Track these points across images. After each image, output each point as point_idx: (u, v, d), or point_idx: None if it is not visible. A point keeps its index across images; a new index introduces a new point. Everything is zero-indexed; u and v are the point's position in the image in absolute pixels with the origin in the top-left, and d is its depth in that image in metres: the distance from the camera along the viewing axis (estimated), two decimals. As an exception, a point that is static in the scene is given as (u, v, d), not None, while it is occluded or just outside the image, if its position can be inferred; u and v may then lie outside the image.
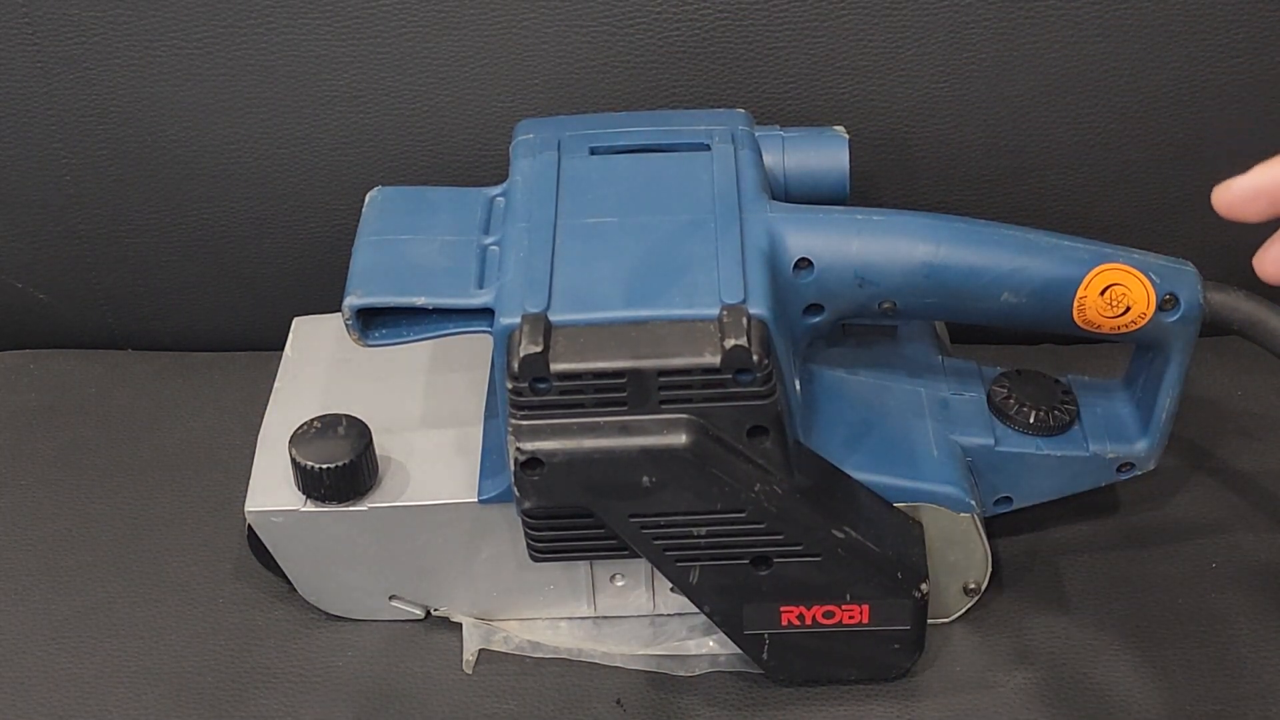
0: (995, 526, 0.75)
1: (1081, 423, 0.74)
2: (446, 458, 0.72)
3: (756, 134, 0.73)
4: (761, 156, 0.72)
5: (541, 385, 0.63)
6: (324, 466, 0.69)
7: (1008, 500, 0.74)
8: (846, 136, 0.74)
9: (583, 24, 0.81)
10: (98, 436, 0.86)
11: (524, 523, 0.68)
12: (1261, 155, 0.84)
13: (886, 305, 0.69)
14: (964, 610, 0.75)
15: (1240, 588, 0.75)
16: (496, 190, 0.72)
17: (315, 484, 0.70)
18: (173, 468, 0.84)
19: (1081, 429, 0.74)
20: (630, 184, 0.70)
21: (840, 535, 0.67)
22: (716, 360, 0.62)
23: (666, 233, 0.67)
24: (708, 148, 0.71)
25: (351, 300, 0.66)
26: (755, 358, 0.62)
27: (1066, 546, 0.78)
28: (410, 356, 0.75)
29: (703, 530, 0.66)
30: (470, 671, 0.74)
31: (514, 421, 0.64)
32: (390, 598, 0.75)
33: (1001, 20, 0.80)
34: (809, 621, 0.70)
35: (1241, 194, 0.63)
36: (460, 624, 0.75)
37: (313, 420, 0.71)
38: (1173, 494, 0.79)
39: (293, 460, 0.70)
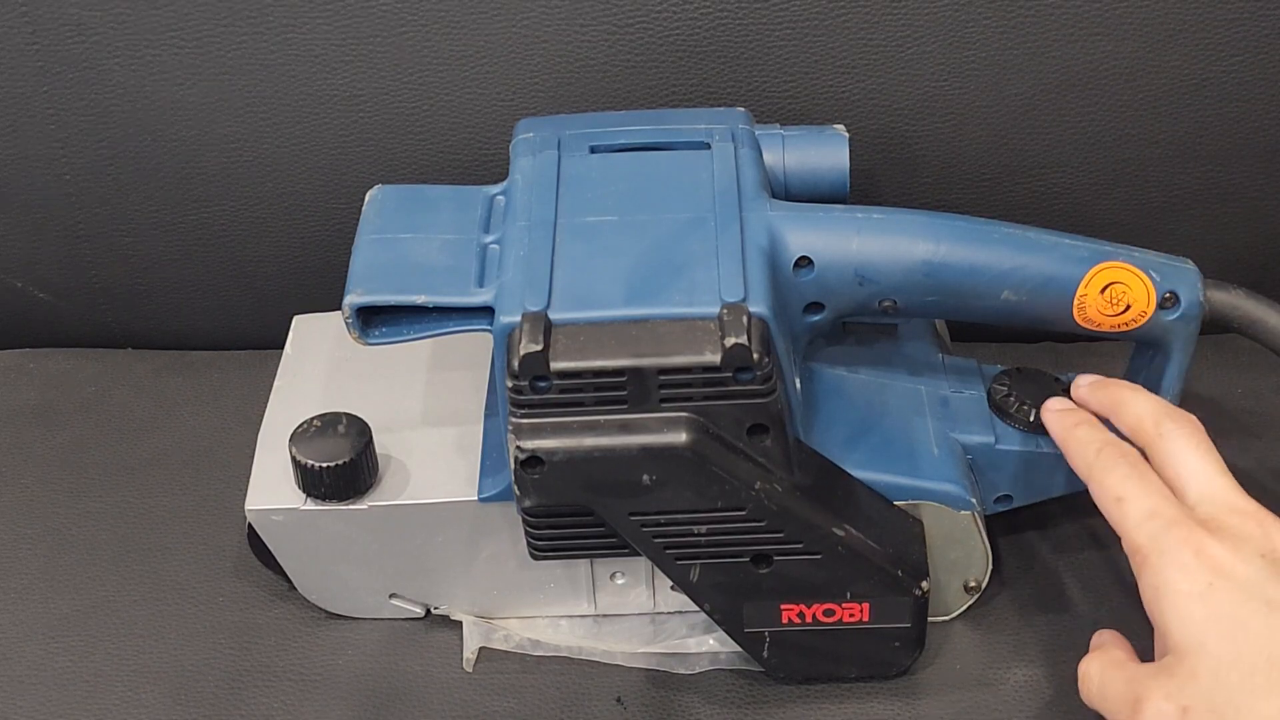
0: (996, 524, 0.75)
1: (1081, 421, 0.74)
2: (446, 456, 0.72)
3: (756, 132, 0.73)
4: (761, 155, 0.72)
5: (541, 384, 0.63)
6: (324, 465, 0.69)
7: (1008, 498, 0.74)
8: (846, 135, 0.74)
9: (583, 23, 0.81)
10: (97, 435, 0.86)
11: (524, 521, 0.68)
12: (1261, 154, 0.85)
13: (887, 304, 0.69)
14: (964, 608, 0.75)
15: (1240, 586, 0.75)
16: (497, 189, 0.72)
17: (315, 482, 0.70)
18: (172, 466, 0.84)
19: (1081, 427, 0.74)
20: (630, 182, 0.70)
21: (840, 533, 0.67)
22: (717, 359, 0.62)
23: (666, 231, 0.67)
24: (708, 146, 0.71)
25: (352, 299, 0.66)
26: (755, 356, 0.62)
27: (1067, 545, 0.78)
28: (410, 355, 0.75)
29: (703, 528, 0.66)
30: (470, 670, 0.74)
31: (514, 420, 0.64)
32: (390, 596, 0.75)
33: (1001, 19, 0.80)
34: (809, 619, 0.70)
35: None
36: (460, 622, 0.75)
37: (313, 419, 0.71)
38: (1173, 492, 0.79)
39: (293, 459, 0.70)
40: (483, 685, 0.73)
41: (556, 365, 0.63)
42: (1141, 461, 0.65)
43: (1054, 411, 0.70)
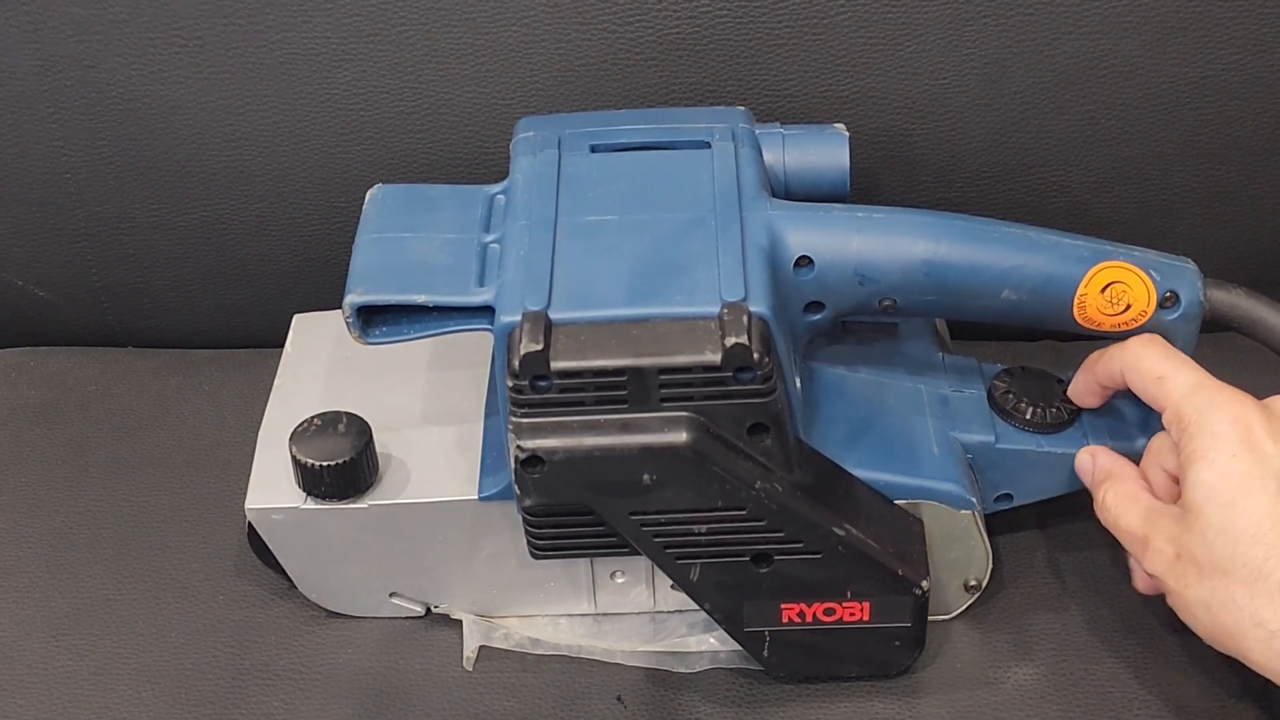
0: (996, 523, 0.75)
1: (1081, 420, 0.74)
2: (447, 455, 0.72)
3: (757, 131, 0.73)
4: (762, 154, 0.72)
5: (542, 383, 0.63)
6: (324, 464, 0.69)
7: (1008, 497, 0.74)
8: (846, 134, 0.74)
9: (583, 21, 0.81)
10: (98, 434, 0.86)
11: (524, 520, 0.68)
12: (1261, 152, 0.85)
13: (887, 303, 0.69)
14: (965, 607, 0.75)
15: (1240, 585, 0.75)
16: (497, 188, 0.72)
17: (316, 481, 0.70)
18: (173, 465, 0.84)
19: (1081, 426, 0.74)
20: (631, 182, 0.70)
21: (841, 533, 0.67)
22: (717, 358, 0.62)
23: (667, 230, 0.67)
24: (708, 145, 0.71)
25: (352, 298, 0.66)
26: (756, 356, 0.62)
27: (1067, 544, 0.78)
28: (410, 354, 0.75)
29: (703, 528, 0.66)
30: (471, 669, 0.74)
31: (514, 419, 0.64)
32: (391, 595, 0.75)
33: (1001, 17, 0.80)
34: (809, 619, 0.70)
35: (1079, 392, 0.73)
36: (461, 621, 0.75)
37: (313, 417, 0.71)
38: (1173, 491, 0.79)
39: (293, 457, 0.70)
40: (483, 684, 0.73)
41: (557, 365, 0.63)
42: (1172, 347, 0.68)
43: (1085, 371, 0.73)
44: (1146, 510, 0.67)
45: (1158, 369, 0.67)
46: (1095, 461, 0.71)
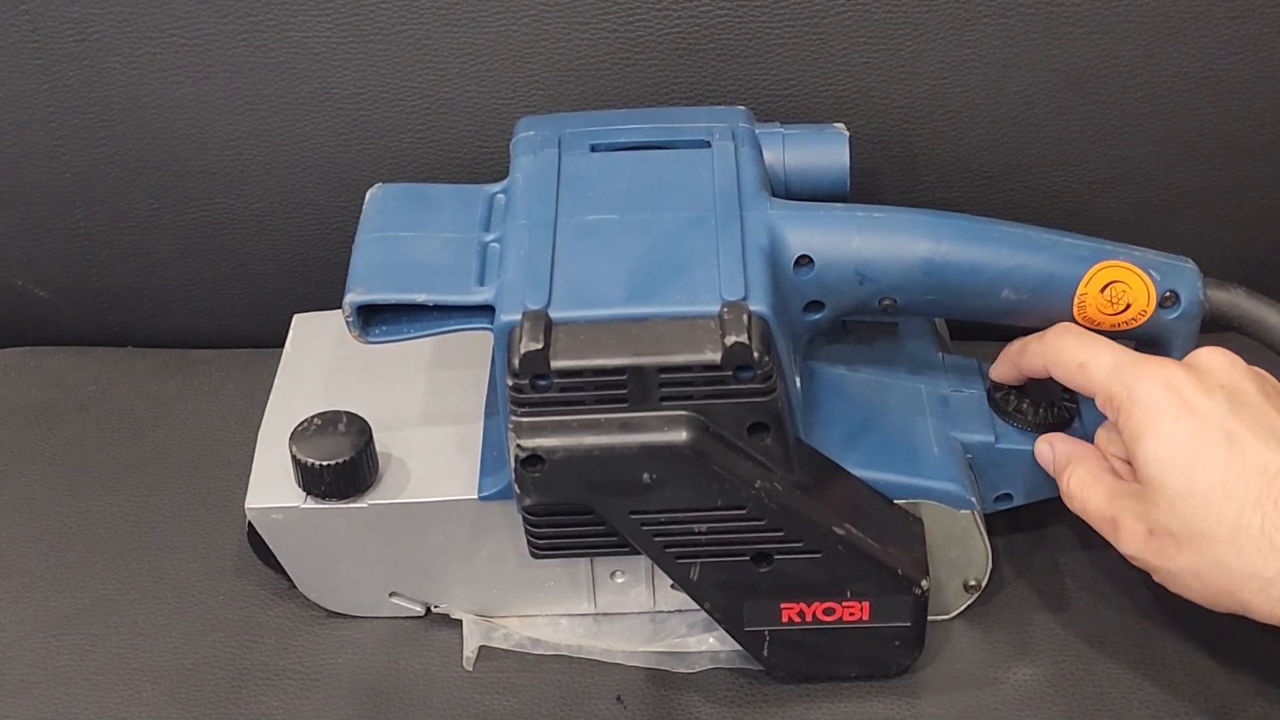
0: (996, 523, 0.75)
1: (1082, 419, 0.74)
2: (447, 454, 0.72)
3: (757, 131, 0.73)
4: (762, 153, 0.72)
5: (542, 382, 0.63)
6: (324, 463, 0.69)
7: (1008, 497, 0.74)
8: (847, 133, 0.74)
9: (583, 21, 0.81)
10: (97, 433, 0.86)
11: (524, 520, 0.68)
12: (1261, 152, 0.85)
13: (887, 302, 0.69)
14: (964, 607, 0.75)
15: (1240, 584, 0.75)
16: (497, 187, 0.72)
17: (316, 481, 0.70)
18: (173, 465, 0.84)
19: (1082, 425, 0.74)
20: (631, 181, 0.70)
21: (840, 532, 0.67)
22: (717, 357, 0.62)
23: (667, 230, 0.67)
24: (708, 145, 0.71)
25: (352, 297, 0.66)
26: (756, 355, 0.62)
27: (1067, 543, 0.78)
28: (411, 353, 0.75)
29: (703, 527, 0.66)
30: (470, 668, 0.74)
31: (514, 418, 0.64)
32: (390, 595, 0.75)
33: (1001, 17, 0.80)
34: (809, 618, 0.70)
35: (1000, 375, 0.74)
36: (460, 621, 0.75)
37: (313, 417, 0.71)
38: (1173, 491, 0.79)
39: (293, 457, 0.70)
40: (483, 684, 0.73)
41: (557, 364, 0.63)
42: (1087, 331, 0.69)
43: (1004, 359, 0.73)
44: (1111, 491, 0.67)
45: (1077, 356, 0.67)
46: (1054, 448, 0.71)
